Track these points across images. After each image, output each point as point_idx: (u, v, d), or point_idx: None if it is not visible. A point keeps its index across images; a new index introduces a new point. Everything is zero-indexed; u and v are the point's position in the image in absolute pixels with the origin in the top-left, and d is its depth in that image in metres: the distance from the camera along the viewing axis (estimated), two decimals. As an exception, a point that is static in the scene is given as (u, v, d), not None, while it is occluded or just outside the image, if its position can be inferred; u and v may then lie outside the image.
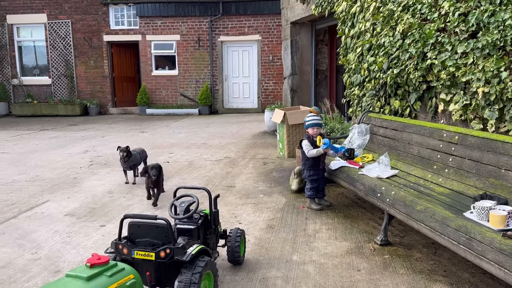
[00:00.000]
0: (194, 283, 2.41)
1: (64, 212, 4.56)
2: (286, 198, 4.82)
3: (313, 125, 4.38)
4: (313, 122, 4.38)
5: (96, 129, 11.01)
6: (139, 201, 4.88)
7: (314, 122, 4.38)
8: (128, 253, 2.50)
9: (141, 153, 5.76)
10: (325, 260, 3.27)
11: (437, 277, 2.96)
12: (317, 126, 4.38)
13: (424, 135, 3.91)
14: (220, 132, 9.93)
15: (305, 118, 4.45)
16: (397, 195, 3.34)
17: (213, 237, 3.03)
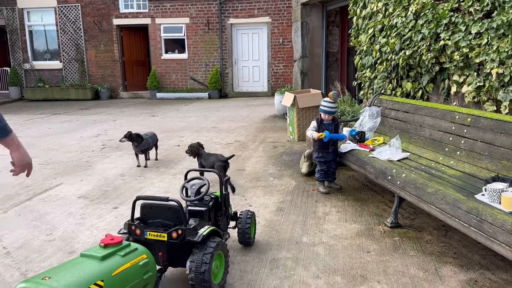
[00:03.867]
0: (205, 263, 2.45)
1: (78, 195, 4.64)
2: (296, 181, 4.83)
3: (326, 112, 4.34)
4: (327, 110, 4.34)
5: (108, 113, 11.10)
6: (150, 184, 4.94)
7: (327, 109, 4.34)
8: (141, 233, 2.55)
9: (152, 137, 5.80)
10: (335, 241, 3.29)
11: (447, 259, 2.97)
12: (329, 113, 4.34)
13: (436, 117, 3.87)
14: (230, 116, 9.94)
15: (321, 102, 4.42)
16: (408, 178, 3.32)
17: (223, 219, 3.06)
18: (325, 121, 4.36)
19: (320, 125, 4.37)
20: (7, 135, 2.06)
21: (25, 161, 2.13)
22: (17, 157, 2.09)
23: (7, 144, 2.08)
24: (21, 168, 2.13)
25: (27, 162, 2.13)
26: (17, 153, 2.10)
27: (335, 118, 4.43)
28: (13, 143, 2.09)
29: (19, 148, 2.10)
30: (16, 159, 2.10)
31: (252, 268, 2.93)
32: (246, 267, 2.95)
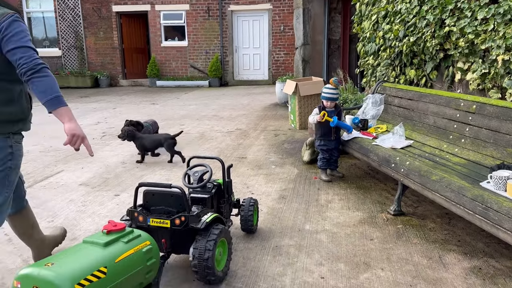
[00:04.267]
0: (208, 250, 2.43)
1: (79, 182, 4.62)
2: (298, 169, 4.81)
3: (327, 98, 4.30)
4: (328, 96, 4.29)
5: (108, 101, 11.03)
6: (151, 171, 4.91)
7: (329, 96, 4.29)
8: (144, 220, 2.53)
9: (153, 125, 5.77)
10: (337, 229, 3.28)
11: (451, 247, 2.95)
12: (331, 100, 4.30)
13: (441, 105, 3.83)
14: (230, 104, 9.88)
15: (322, 89, 4.37)
16: (412, 165, 3.30)
17: (226, 206, 3.04)
18: (327, 108, 4.32)
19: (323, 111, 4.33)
20: (61, 106, 2.16)
21: (75, 132, 2.21)
22: (68, 128, 2.19)
23: (60, 115, 2.17)
24: (70, 138, 2.21)
25: (76, 134, 2.22)
26: (68, 124, 2.19)
27: (337, 105, 4.39)
28: (66, 115, 2.18)
29: (71, 120, 2.20)
30: (67, 129, 2.19)
31: (255, 255, 2.92)
32: (249, 254, 2.94)
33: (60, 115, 2.18)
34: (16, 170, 2.39)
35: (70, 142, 2.23)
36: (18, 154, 2.37)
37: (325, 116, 4.17)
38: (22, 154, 2.43)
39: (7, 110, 2.26)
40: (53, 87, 2.15)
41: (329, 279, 2.60)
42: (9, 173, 2.33)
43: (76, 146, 2.25)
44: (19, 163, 2.41)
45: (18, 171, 2.42)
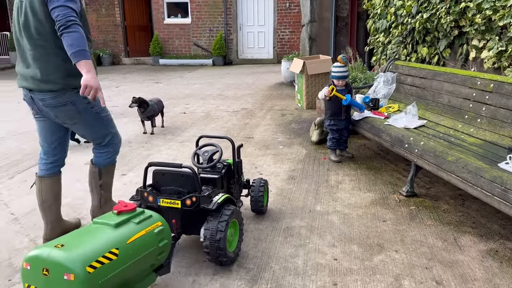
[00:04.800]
0: (220, 231, 2.38)
1: (85, 161, 4.56)
2: (307, 149, 4.73)
3: (337, 77, 4.18)
4: (338, 75, 4.17)
5: (110, 79, 10.90)
6: (157, 151, 4.85)
7: (339, 74, 4.16)
8: (154, 200, 2.47)
9: (158, 103, 5.67)
10: (349, 210, 3.22)
11: (465, 229, 2.90)
12: (341, 79, 4.18)
13: (456, 83, 3.72)
14: (235, 83, 9.74)
15: (331, 68, 4.25)
16: (426, 146, 3.21)
17: (236, 186, 2.98)
18: (338, 87, 4.20)
19: None
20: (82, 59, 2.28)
21: (88, 83, 2.29)
22: (84, 79, 2.29)
23: (80, 66, 2.29)
24: (83, 88, 2.30)
25: (90, 85, 2.30)
26: (85, 75, 2.29)
27: (348, 84, 4.28)
28: (85, 67, 2.29)
29: (88, 72, 2.30)
30: (83, 80, 2.29)
31: (266, 236, 2.87)
32: (260, 235, 2.89)
33: (80, 66, 2.30)
34: (104, 109, 2.70)
35: (84, 92, 2.32)
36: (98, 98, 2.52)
37: (333, 91, 4.06)
38: None
39: (70, 65, 2.41)
40: (79, 42, 2.29)
41: (343, 261, 2.55)
42: (99, 115, 2.68)
43: (91, 96, 2.34)
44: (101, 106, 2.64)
45: (106, 109, 2.74)
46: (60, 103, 2.52)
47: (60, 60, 2.47)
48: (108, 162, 2.85)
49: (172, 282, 2.40)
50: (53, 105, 2.53)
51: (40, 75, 2.47)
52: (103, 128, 2.74)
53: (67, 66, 2.46)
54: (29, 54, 2.50)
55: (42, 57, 2.47)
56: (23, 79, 2.57)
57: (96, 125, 2.70)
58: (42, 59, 2.47)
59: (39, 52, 2.47)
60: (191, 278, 2.43)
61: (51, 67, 2.47)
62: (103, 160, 2.82)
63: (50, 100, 2.51)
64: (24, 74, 2.55)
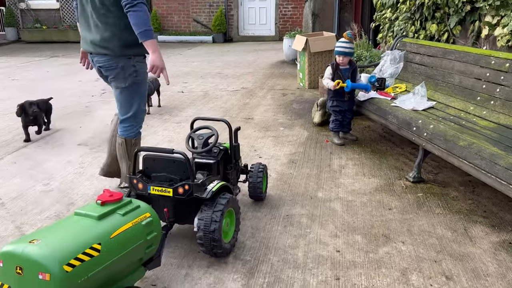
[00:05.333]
0: (215, 221, 2.21)
1: (77, 142, 4.38)
2: (308, 131, 4.53)
3: (340, 53, 3.94)
4: (340, 50, 3.93)
5: (107, 57, 10.61)
6: (153, 132, 4.66)
7: (342, 50, 3.93)
8: (144, 188, 2.30)
9: (153, 82, 5.43)
10: (352, 197, 3.05)
11: (476, 218, 2.73)
12: (344, 55, 3.93)
13: (468, 63, 3.49)
14: (235, 61, 9.46)
15: (336, 43, 4.01)
16: (436, 129, 3.02)
17: (233, 172, 2.80)
18: (341, 65, 3.97)
19: (336, 71, 3.99)
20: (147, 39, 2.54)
21: (154, 64, 2.59)
22: (150, 59, 2.59)
23: (146, 46, 2.56)
24: (150, 67, 2.61)
25: (156, 65, 2.60)
26: (151, 55, 2.58)
27: (352, 62, 4.04)
28: (151, 47, 2.56)
29: (154, 52, 2.57)
30: (150, 60, 2.60)
31: (264, 225, 2.71)
32: (258, 223, 2.73)
33: (146, 46, 2.57)
34: (144, 83, 2.91)
35: (151, 71, 2.62)
36: (144, 71, 2.84)
37: (339, 85, 3.85)
38: (146, 71, 2.82)
39: (125, 35, 2.66)
40: (145, 22, 2.51)
41: (346, 253, 2.40)
42: (138, 86, 2.87)
43: (156, 74, 2.67)
44: (145, 78, 2.92)
45: (145, 84, 2.95)
46: (112, 66, 2.77)
47: (118, 30, 2.68)
48: (132, 135, 2.97)
49: (163, 275, 2.25)
50: (105, 68, 2.79)
51: (98, 40, 2.71)
52: (136, 100, 2.92)
53: (123, 36, 2.68)
54: (91, 20, 2.73)
55: (102, 24, 2.69)
56: (84, 42, 2.85)
57: (132, 94, 2.88)
58: (102, 27, 2.69)
59: (100, 20, 2.68)
60: (184, 271, 2.28)
61: (109, 34, 2.69)
62: (128, 133, 2.97)
63: (104, 63, 2.77)
64: (85, 37, 2.82)
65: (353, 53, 4.06)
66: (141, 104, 2.96)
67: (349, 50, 3.94)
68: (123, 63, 2.75)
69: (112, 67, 2.76)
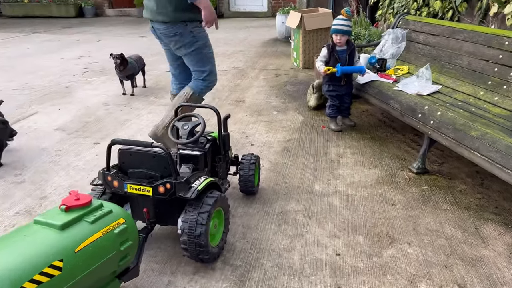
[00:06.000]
0: (201, 224, 1.95)
1: (54, 126, 4.06)
2: (303, 116, 4.25)
3: (338, 31, 3.61)
4: (338, 28, 3.59)
5: (92, 33, 10.12)
6: (137, 115, 4.35)
7: (339, 28, 3.59)
8: (120, 186, 2.02)
9: (138, 61, 5.09)
10: (352, 191, 2.81)
11: (487, 215, 2.51)
12: (341, 33, 3.59)
13: (479, 43, 3.21)
14: (226, 38, 9.06)
15: (333, 21, 3.69)
16: (444, 117, 2.76)
17: (223, 164, 2.53)
18: (338, 46, 3.66)
19: (332, 52, 3.67)
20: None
21: (207, 19, 2.86)
22: (203, 15, 2.83)
23: (199, 4, 2.78)
24: (205, 23, 2.88)
25: (207, 20, 2.87)
26: (203, 11, 2.82)
27: (350, 42, 3.72)
28: (201, 4, 2.79)
29: (205, 8, 2.81)
30: (203, 16, 2.84)
31: (256, 223, 2.46)
32: (249, 221, 2.48)
33: (199, 4, 2.79)
34: (207, 47, 3.08)
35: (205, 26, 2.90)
36: (203, 35, 3.00)
37: (330, 70, 3.54)
38: (206, 34, 3.04)
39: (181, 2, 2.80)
40: None
41: (347, 257, 2.16)
42: (202, 51, 3.04)
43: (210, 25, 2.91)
44: (207, 42, 3.07)
45: (210, 47, 3.12)
46: (171, 33, 2.94)
47: None
48: (199, 90, 3.15)
49: (143, 283, 2.01)
50: (165, 35, 2.98)
51: (156, 7, 2.90)
52: (203, 63, 3.08)
53: (177, 2, 2.82)
54: None
55: None
56: (146, 10, 3.05)
57: (197, 59, 3.05)
58: None
59: None
60: (166, 278, 2.03)
61: (164, 1, 2.85)
62: (195, 87, 3.14)
63: (163, 30, 2.95)
64: (147, 6, 3.02)
65: (351, 32, 3.75)
66: (210, 66, 3.14)
67: (347, 28, 3.62)
68: (181, 30, 2.92)
69: (171, 34, 2.95)
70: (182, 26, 2.91)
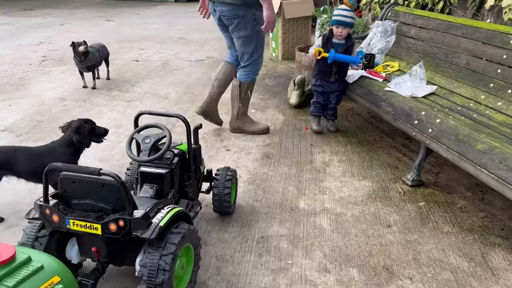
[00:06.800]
0: (163, 270, 1.57)
1: (1, 127, 3.56)
2: (284, 115, 3.88)
3: (339, 23, 3.21)
4: (340, 20, 3.19)
5: (55, 15, 9.38)
6: (98, 113, 3.88)
7: (342, 20, 3.19)
8: (61, 221, 1.61)
9: (100, 50, 4.57)
10: (341, 208, 2.48)
11: (494, 239, 2.22)
12: (345, 25, 3.21)
13: (479, 40, 2.90)
14: (201, 24, 8.50)
15: (334, 11, 3.31)
16: (444, 125, 2.45)
17: (193, 183, 2.14)
18: (336, 38, 3.27)
19: (327, 43, 3.29)
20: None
21: (270, 20, 2.90)
22: (265, 15, 2.88)
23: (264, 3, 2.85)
24: (266, 24, 2.92)
25: (271, 22, 2.92)
26: (265, 12, 2.87)
27: (350, 36, 3.33)
28: (266, 2, 2.85)
29: (268, 9, 2.86)
30: (265, 16, 2.89)
31: (233, 252, 2.10)
32: (224, 251, 2.11)
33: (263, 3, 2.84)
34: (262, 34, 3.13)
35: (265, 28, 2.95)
36: (261, 20, 2.96)
37: (321, 54, 3.19)
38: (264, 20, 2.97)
39: None
40: None
41: (340, 298, 1.83)
42: (258, 34, 3.10)
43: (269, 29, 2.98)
44: None
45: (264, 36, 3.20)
46: (233, 15, 3.01)
47: None
48: (249, 79, 3.27)
49: None
50: (227, 17, 3.04)
51: None
52: (254, 47, 3.15)
53: None
54: None
55: None
56: None
57: (251, 42, 3.12)
58: None
59: None
60: (122, 334, 1.65)
61: None
62: (245, 78, 3.26)
63: (226, 12, 3.02)
64: None
65: (353, 24, 3.37)
66: (260, 51, 3.21)
67: (350, 20, 3.23)
68: (243, 12, 2.98)
69: (233, 16, 3.01)
70: (246, 8, 2.97)
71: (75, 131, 2.40)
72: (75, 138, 2.39)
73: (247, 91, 3.30)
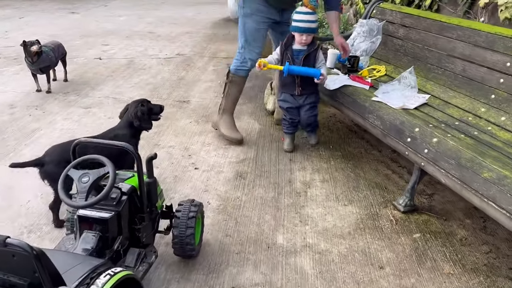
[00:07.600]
0: None
1: None
2: (260, 123, 3.51)
3: (301, 30, 2.76)
4: (302, 27, 2.74)
5: (14, 7, 8.72)
6: (50, 123, 3.42)
7: (303, 26, 2.74)
8: (-41, 303, 1.20)
9: (55, 49, 4.08)
10: (326, 244, 2.13)
11: (502, 282, 1.91)
12: (307, 32, 2.76)
13: (478, 45, 2.58)
14: (171, 17, 8.05)
15: (293, 15, 2.90)
16: (443, 146, 2.12)
17: (147, 226, 1.75)
18: (298, 43, 2.85)
19: (285, 51, 2.86)
20: None
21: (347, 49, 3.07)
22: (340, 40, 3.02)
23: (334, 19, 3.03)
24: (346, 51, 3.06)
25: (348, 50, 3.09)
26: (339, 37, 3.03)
27: (314, 41, 2.91)
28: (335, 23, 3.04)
29: None
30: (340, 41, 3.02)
31: (196, 311, 1.73)
32: (186, 309, 1.74)
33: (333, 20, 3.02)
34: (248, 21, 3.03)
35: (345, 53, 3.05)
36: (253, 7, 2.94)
37: (266, 66, 2.79)
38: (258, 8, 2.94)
39: None
40: None
41: None
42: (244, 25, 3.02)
43: None
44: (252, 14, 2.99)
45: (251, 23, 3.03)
46: None
47: None
48: (232, 68, 3.09)
49: None
50: None
51: None
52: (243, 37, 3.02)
53: None
54: None
55: None
56: None
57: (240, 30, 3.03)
58: None
59: None
60: None
61: None
62: (232, 66, 3.11)
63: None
64: None
65: (317, 28, 2.95)
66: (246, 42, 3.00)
67: (314, 25, 2.81)
68: None
69: None
70: None
71: (135, 116, 2.26)
72: (136, 123, 2.26)
73: (229, 83, 3.12)
